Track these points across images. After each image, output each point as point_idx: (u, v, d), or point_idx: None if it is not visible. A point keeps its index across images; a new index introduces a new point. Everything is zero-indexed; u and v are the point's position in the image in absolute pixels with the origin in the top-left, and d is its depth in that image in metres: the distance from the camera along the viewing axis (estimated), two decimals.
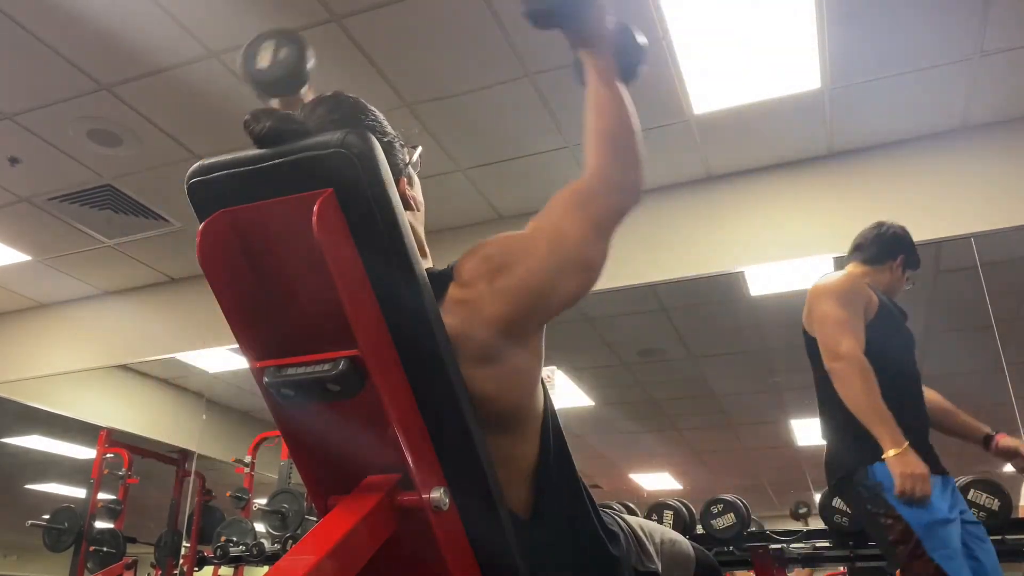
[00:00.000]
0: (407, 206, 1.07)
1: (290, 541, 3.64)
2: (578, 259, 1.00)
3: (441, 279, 1.00)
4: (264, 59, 1.24)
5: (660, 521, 3.04)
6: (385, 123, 1.11)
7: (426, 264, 1.06)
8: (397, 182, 1.04)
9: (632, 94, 1.12)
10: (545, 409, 1.06)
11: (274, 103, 1.32)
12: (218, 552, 3.89)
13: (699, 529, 3.06)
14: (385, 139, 1.07)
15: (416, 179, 1.17)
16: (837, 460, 2.06)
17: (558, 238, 1.00)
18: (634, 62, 1.23)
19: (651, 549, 1.23)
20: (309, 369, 0.84)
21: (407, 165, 1.13)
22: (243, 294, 0.91)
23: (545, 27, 1.15)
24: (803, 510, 3.97)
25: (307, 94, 1.35)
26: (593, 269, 1.02)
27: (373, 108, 1.11)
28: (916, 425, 2.01)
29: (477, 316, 0.96)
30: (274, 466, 4.47)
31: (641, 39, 1.24)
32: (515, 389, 1.01)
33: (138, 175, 3.61)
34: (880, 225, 2.34)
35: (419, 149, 1.18)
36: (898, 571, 1.90)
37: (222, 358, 4.69)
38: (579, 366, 5.01)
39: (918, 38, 2.78)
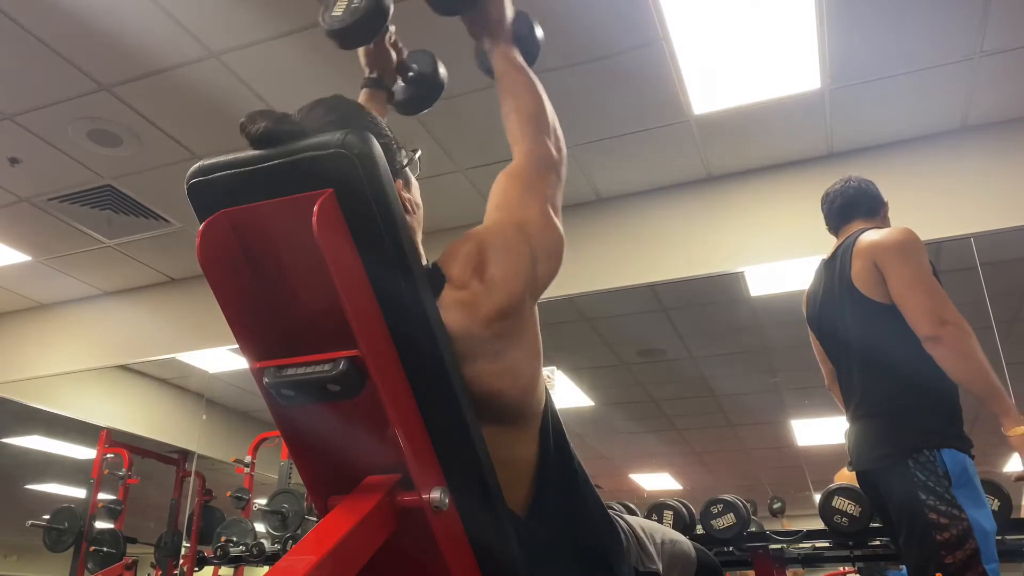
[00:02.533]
0: (403, 208, 1.07)
1: (290, 541, 3.64)
2: (545, 240, 1.06)
3: (435, 280, 1.00)
4: (339, 8, 1.27)
5: (660, 521, 3.04)
6: (383, 125, 1.11)
7: None
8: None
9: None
10: (546, 408, 1.06)
11: (361, 57, 1.43)
12: (218, 552, 3.89)
13: (699, 529, 3.06)
14: (382, 140, 1.07)
15: (414, 182, 1.17)
16: (888, 434, 1.80)
17: (523, 224, 1.05)
18: (533, 51, 1.31)
19: (652, 549, 1.23)
20: (309, 369, 0.84)
21: (403, 168, 1.13)
22: (243, 294, 0.91)
23: (446, 14, 1.24)
24: (777, 505, 3.91)
25: (390, 48, 1.46)
26: (560, 243, 1.08)
27: (371, 111, 1.11)
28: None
29: (476, 314, 0.96)
30: (274, 466, 4.47)
31: (539, 31, 1.33)
32: (516, 385, 1.01)
33: (138, 175, 3.61)
34: (849, 179, 2.15)
35: (418, 152, 1.18)
36: (938, 574, 1.67)
37: (222, 358, 4.69)
38: (579, 366, 5.01)
39: (918, 38, 2.78)
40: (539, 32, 1.33)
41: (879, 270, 1.86)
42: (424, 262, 1.09)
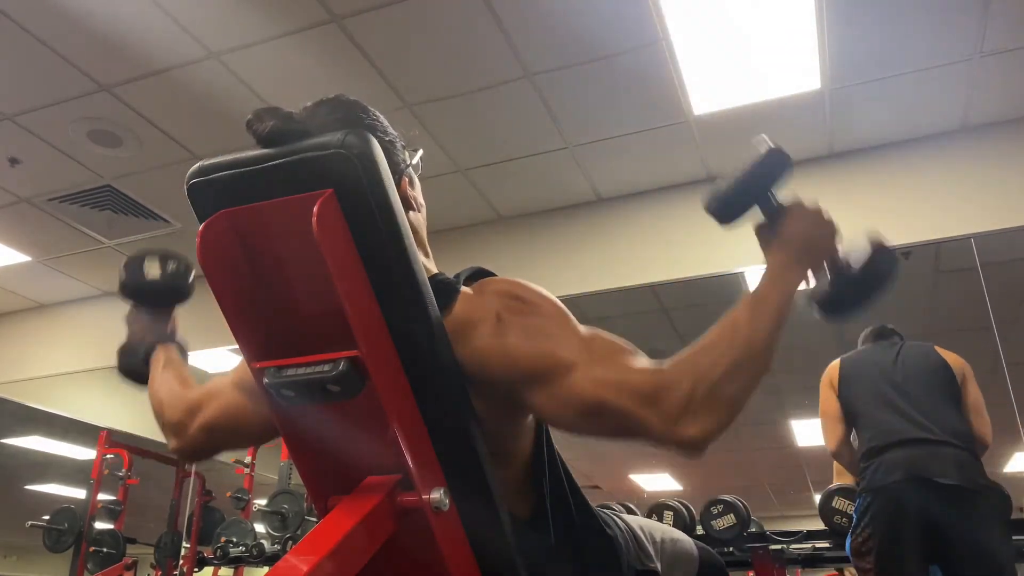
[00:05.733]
0: (408, 206, 1.07)
1: (290, 542, 3.64)
2: (576, 403, 0.88)
3: (448, 287, 0.99)
4: (153, 270, 1.31)
5: (660, 522, 3.04)
6: (386, 123, 1.11)
7: (428, 264, 1.06)
8: (398, 182, 1.03)
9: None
10: None
11: (142, 315, 1.40)
12: (218, 553, 3.89)
13: (699, 530, 3.06)
14: (386, 139, 1.07)
15: (417, 180, 1.17)
16: (980, 468, 2.38)
17: (577, 368, 0.88)
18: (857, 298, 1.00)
19: (650, 548, 1.22)
20: (309, 370, 0.84)
21: (408, 165, 1.13)
22: (243, 295, 0.91)
23: (727, 222, 1.04)
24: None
25: (175, 321, 1.41)
26: (568, 423, 0.91)
27: (374, 109, 1.11)
28: None
29: (475, 333, 0.94)
30: (274, 467, 4.47)
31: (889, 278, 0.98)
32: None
33: (138, 175, 3.61)
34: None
35: (420, 152, 1.18)
36: None
37: (222, 358, 4.69)
38: None
39: (918, 38, 2.78)
40: (887, 278, 0.98)
41: (963, 376, 2.53)
42: (430, 261, 1.09)
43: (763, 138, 1.02)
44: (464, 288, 1.00)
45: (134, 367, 1.42)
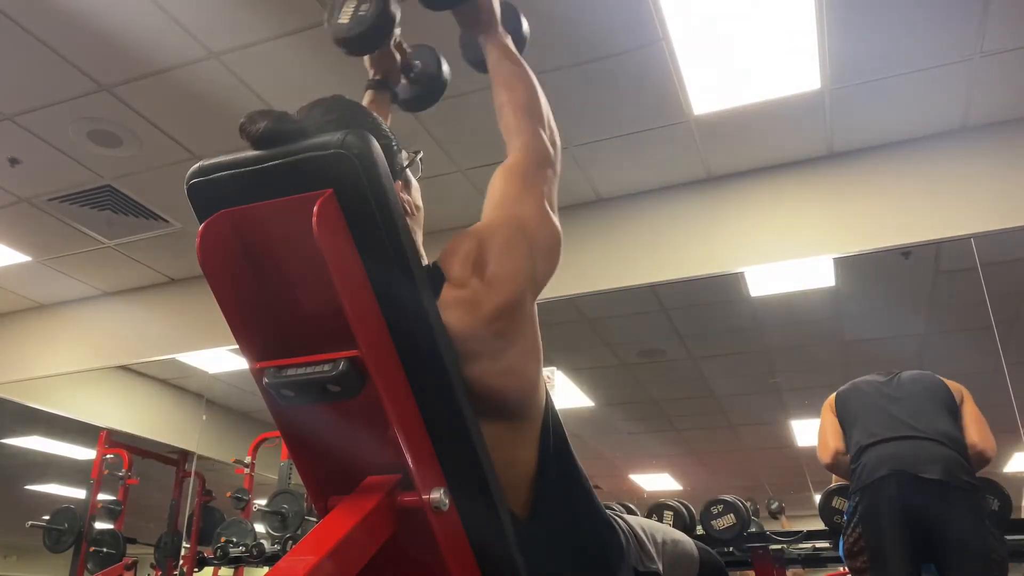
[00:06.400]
0: (403, 211, 1.07)
1: (290, 542, 3.64)
2: (543, 237, 1.06)
3: (434, 279, 1.00)
4: (345, 15, 1.25)
5: (660, 522, 3.04)
6: (383, 125, 1.11)
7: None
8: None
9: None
10: (547, 409, 1.06)
11: (366, 60, 1.38)
12: (218, 553, 3.89)
13: (699, 530, 3.06)
14: (382, 141, 1.07)
15: (415, 183, 1.17)
16: (968, 470, 2.42)
17: (521, 222, 1.05)
18: (520, 45, 1.33)
19: (652, 549, 1.22)
20: (309, 370, 0.84)
21: (404, 169, 1.13)
22: (243, 295, 0.91)
23: (439, 9, 1.25)
24: (775, 505, 3.97)
25: (395, 50, 1.42)
26: (558, 241, 1.09)
27: (371, 111, 1.11)
28: None
29: (477, 312, 0.96)
30: (274, 467, 4.47)
31: (525, 24, 1.36)
32: (517, 384, 1.01)
33: (138, 175, 3.61)
34: None
35: (420, 154, 1.18)
36: None
37: (222, 358, 4.69)
38: (579, 366, 5.01)
39: (918, 38, 2.78)
40: (526, 25, 1.35)
41: (961, 397, 2.60)
42: (425, 262, 1.09)
43: None
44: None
45: None
